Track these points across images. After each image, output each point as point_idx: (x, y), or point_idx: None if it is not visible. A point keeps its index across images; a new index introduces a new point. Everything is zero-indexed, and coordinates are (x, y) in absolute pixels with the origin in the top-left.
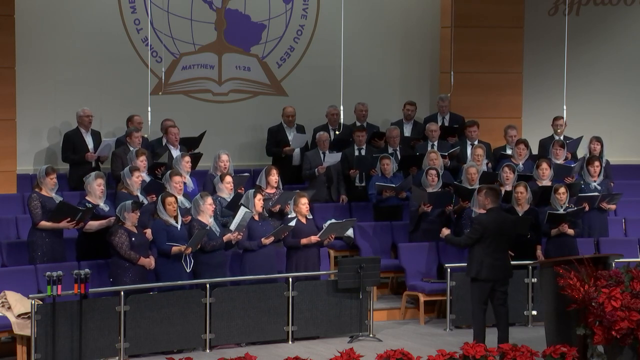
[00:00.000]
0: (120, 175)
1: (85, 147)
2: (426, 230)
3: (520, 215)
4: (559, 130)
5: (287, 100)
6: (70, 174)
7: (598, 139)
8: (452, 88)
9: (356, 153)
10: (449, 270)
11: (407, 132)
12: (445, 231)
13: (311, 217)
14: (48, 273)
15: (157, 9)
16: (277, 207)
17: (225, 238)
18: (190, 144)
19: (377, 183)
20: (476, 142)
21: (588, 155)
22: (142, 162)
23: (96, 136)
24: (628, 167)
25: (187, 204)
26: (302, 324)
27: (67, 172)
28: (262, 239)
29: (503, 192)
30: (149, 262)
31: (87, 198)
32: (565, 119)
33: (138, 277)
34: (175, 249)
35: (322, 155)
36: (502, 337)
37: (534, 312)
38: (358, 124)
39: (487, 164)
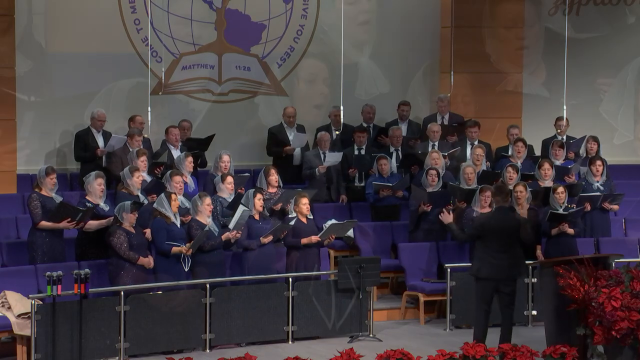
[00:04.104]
0: (120, 176)
1: (96, 146)
2: (426, 230)
3: (519, 214)
4: (559, 131)
5: (287, 100)
6: (82, 172)
7: (594, 139)
8: (452, 88)
9: (355, 153)
10: (449, 270)
11: (403, 132)
12: (448, 218)
13: (312, 217)
14: (48, 273)
15: (157, 9)
16: (279, 206)
17: (224, 237)
18: (198, 146)
19: (374, 182)
20: (476, 142)
21: (584, 154)
22: (142, 162)
23: (107, 136)
24: (628, 167)
25: (187, 204)
26: (302, 324)
27: (67, 173)
28: (261, 238)
29: None
30: (148, 261)
31: (87, 197)
32: (566, 119)
33: (138, 277)
34: (175, 249)
35: (322, 155)
36: (505, 338)
37: (534, 312)
38: (365, 125)
39: (485, 162)
